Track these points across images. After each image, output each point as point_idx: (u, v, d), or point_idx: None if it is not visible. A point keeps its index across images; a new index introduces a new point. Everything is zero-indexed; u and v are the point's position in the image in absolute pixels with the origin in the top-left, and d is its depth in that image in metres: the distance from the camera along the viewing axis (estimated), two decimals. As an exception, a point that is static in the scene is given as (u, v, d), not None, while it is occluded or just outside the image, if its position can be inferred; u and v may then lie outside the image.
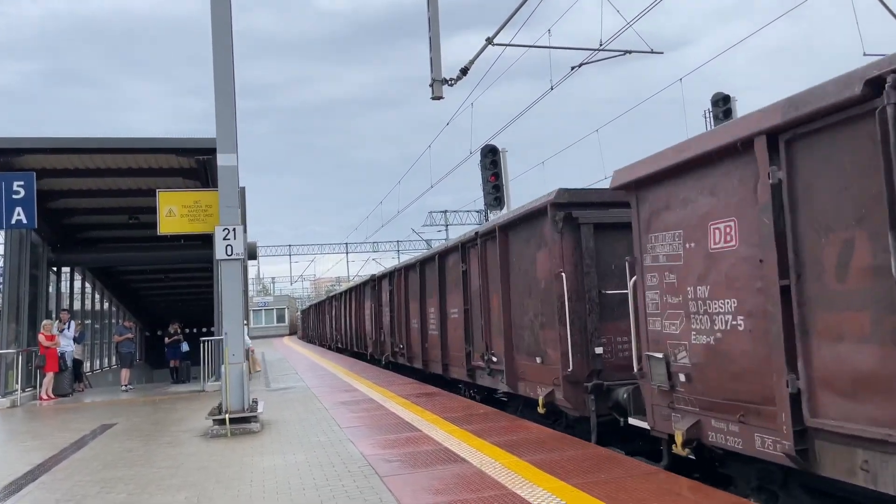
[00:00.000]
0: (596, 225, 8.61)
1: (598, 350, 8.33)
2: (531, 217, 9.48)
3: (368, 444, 8.19)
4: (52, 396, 15.69)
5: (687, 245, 6.13)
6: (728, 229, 5.64)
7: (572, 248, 8.59)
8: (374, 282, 22.00)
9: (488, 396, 12.70)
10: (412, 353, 17.08)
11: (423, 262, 15.85)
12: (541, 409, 9.09)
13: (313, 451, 7.99)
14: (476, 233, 11.81)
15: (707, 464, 6.61)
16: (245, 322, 18.62)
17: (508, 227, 10.38)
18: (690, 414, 6.09)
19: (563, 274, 8.47)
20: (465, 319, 12.34)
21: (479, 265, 11.52)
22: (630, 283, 7.01)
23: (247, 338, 17.38)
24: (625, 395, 7.74)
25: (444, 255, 14.08)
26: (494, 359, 10.91)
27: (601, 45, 14.26)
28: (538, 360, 9.28)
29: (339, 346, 31.23)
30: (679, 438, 6.02)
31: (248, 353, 16.61)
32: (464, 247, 12.49)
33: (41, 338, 15.71)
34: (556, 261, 8.62)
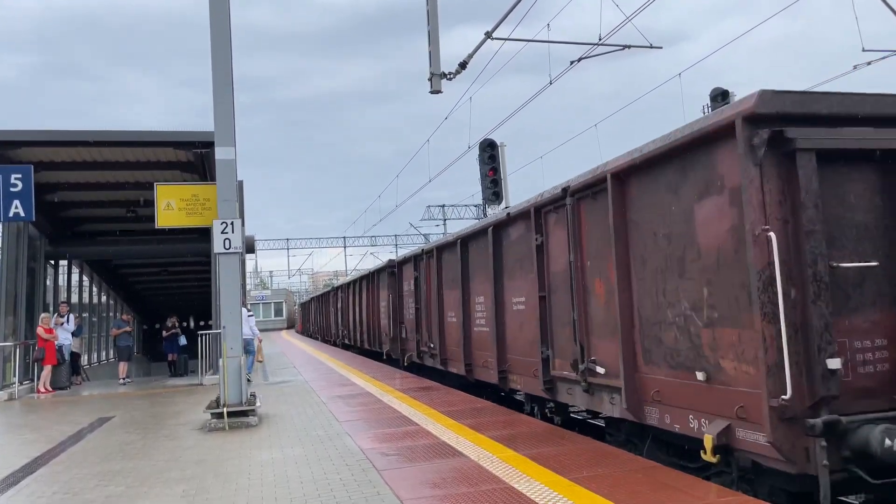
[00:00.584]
0: (819, 153, 5.37)
1: (833, 364, 5.14)
2: (688, 147, 6.16)
3: (366, 438, 8.20)
4: (50, 389, 15.69)
5: None
6: None
7: (780, 192, 5.38)
8: (393, 268, 19.07)
9: (570, 418, 9.92)
10: (447, 354, 14.03)
11: (465, 240, 12.60)
12: (711, 457, 5.73)
13: (311, 445, 8.00)
14: (564, 189, 8.35)
15: None
16: (251, 313, 18.91)
17: (632, 171, 7.01)
18: None
19: (770, 235, 5.24)
20: (542, 311, 9.18)
21: (567, 235, 8.41)
22: None
23: (255, 328, 17.66)
24: (889, 442, 4.92)
25: (501, 226, 10.80)
26: (600, 370, 7.71)
27: (600, 39, 14.23)
28: (700, 375, 6.05)
29: (347, 342, 28.61)
30: None
31: (252, 344, 17.17)
32: (538, 212, 9.29)
33: (40, 330, 15.72)
34: (755, 213, 5.33)
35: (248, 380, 16.63)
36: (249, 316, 17.51)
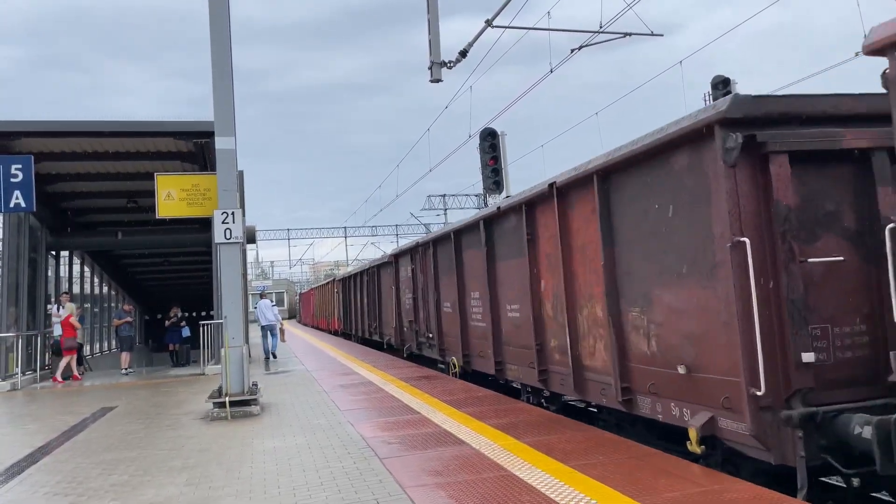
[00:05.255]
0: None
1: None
2: None
3: (368, 427, 8.24)
4: (60, 380, 15.94)
5: None
6: None
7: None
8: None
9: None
10: None
11: None
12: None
13: (313, 434, 8.04)
14: None
15: None
16: (274, 303, 20.87)
17: None
18: None
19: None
20: None
21: None
22: None
23: (278, 315, 20.29)
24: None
25: None
26: None
27: (601, 27, 14.18)
28: None
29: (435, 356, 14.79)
30: None
31: (276, 328, 19.92)
32: None
33: (73, 320, 16.31)
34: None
35: (274, 356, 19.12)
36: (273, 305, 20.69)
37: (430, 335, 15.02)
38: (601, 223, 7.31)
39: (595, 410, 9.06)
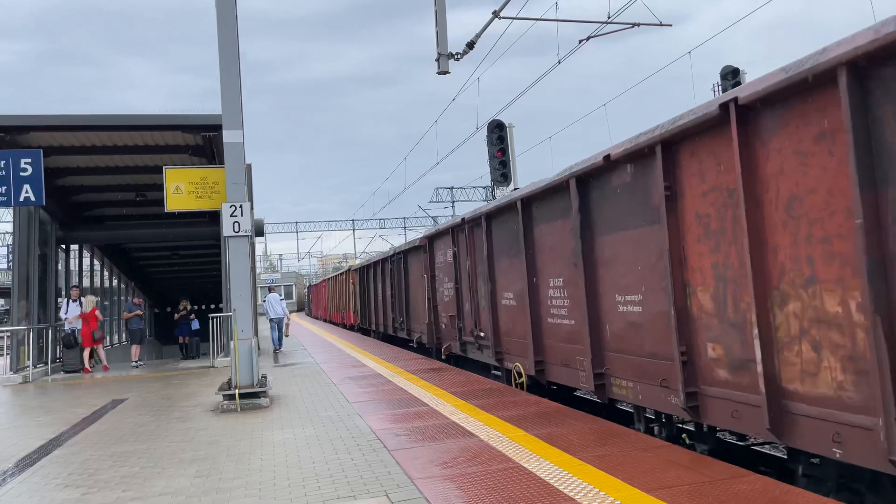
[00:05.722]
0: None
1: None
2: None
3: (376, 419, 8.26)
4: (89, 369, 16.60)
5: None
6: None
7: None
8: None
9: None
10: None
11: None
12: None
13: (322, 426, 8.07)
14: None
15: None
16: (282, 297, 21.58)
17: None
18: None
19: None
20: None
21: None
22: None
23: (285, 308, 21.04)
24: None
25: None
26: None
27: (609, 17, 14.10)
28: None
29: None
30: None
31: (282, 322, 20.71)
32: None
33: (97, 314, 17.05)
34: None
35: (281, 350, 19.67)
36: (281, 300, 21.17)
37: (481, 334, 12.28)
38: (855, 151, 4.37)
39: (783, 456, 6.76)
